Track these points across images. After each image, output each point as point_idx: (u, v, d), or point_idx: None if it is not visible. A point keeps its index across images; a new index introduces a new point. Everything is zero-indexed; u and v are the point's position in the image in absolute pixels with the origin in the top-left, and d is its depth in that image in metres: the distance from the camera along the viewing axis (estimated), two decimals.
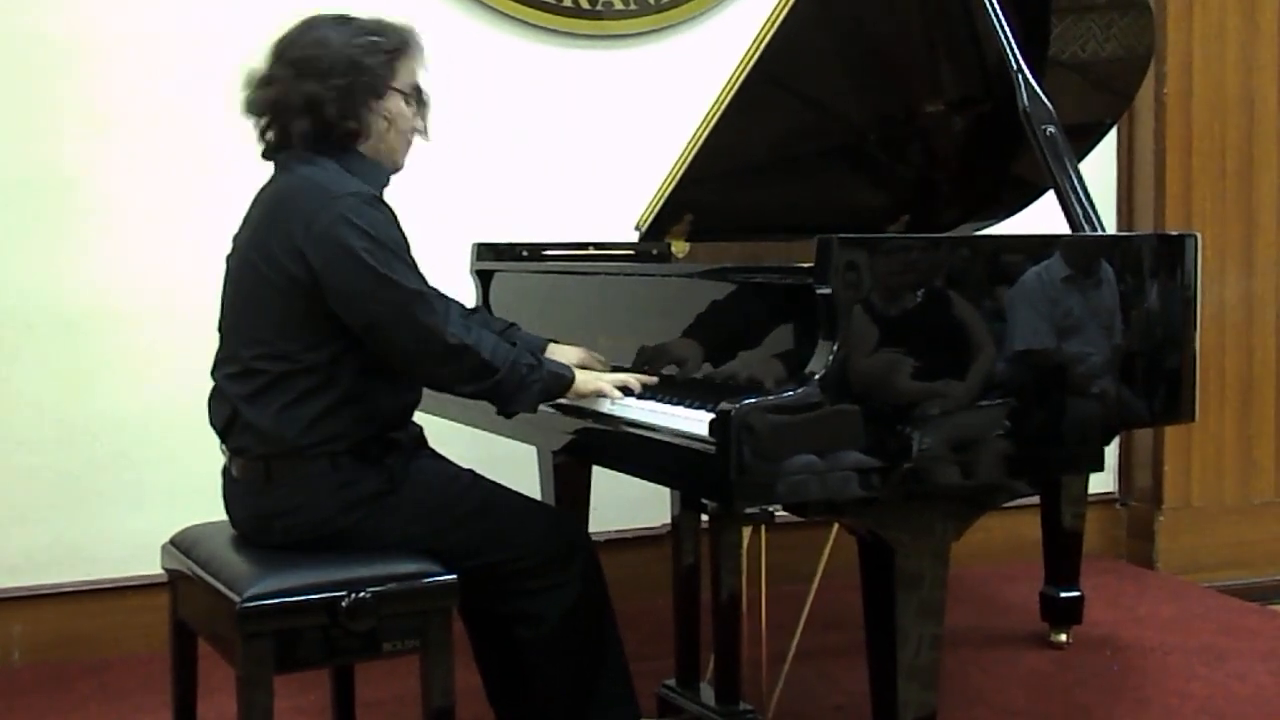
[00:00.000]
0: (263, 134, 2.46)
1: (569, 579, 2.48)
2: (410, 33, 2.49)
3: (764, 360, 2.34)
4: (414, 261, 2.36)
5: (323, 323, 2.32)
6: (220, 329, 2.48)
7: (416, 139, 2.54)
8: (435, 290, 2.39)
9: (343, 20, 2.45)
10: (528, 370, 2.39)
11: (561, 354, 2.71)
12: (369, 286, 2.28)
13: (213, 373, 2.47)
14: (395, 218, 2.37)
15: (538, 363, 2.43)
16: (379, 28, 2.45)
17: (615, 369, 2.67)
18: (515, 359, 2.38)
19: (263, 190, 2.47)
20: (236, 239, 2.48)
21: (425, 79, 2.53)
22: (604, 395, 2.47)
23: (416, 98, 2.50)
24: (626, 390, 2.47)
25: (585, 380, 2.48)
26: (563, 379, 2.46)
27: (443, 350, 2.31)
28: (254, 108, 2.45)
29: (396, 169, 2.53)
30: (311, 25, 2.44)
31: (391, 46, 2.44)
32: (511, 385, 2.38)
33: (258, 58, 2.48)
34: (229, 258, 2.49)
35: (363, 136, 2.43)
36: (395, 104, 2.45)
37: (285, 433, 2.33)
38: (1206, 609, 3.96)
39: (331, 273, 2.28)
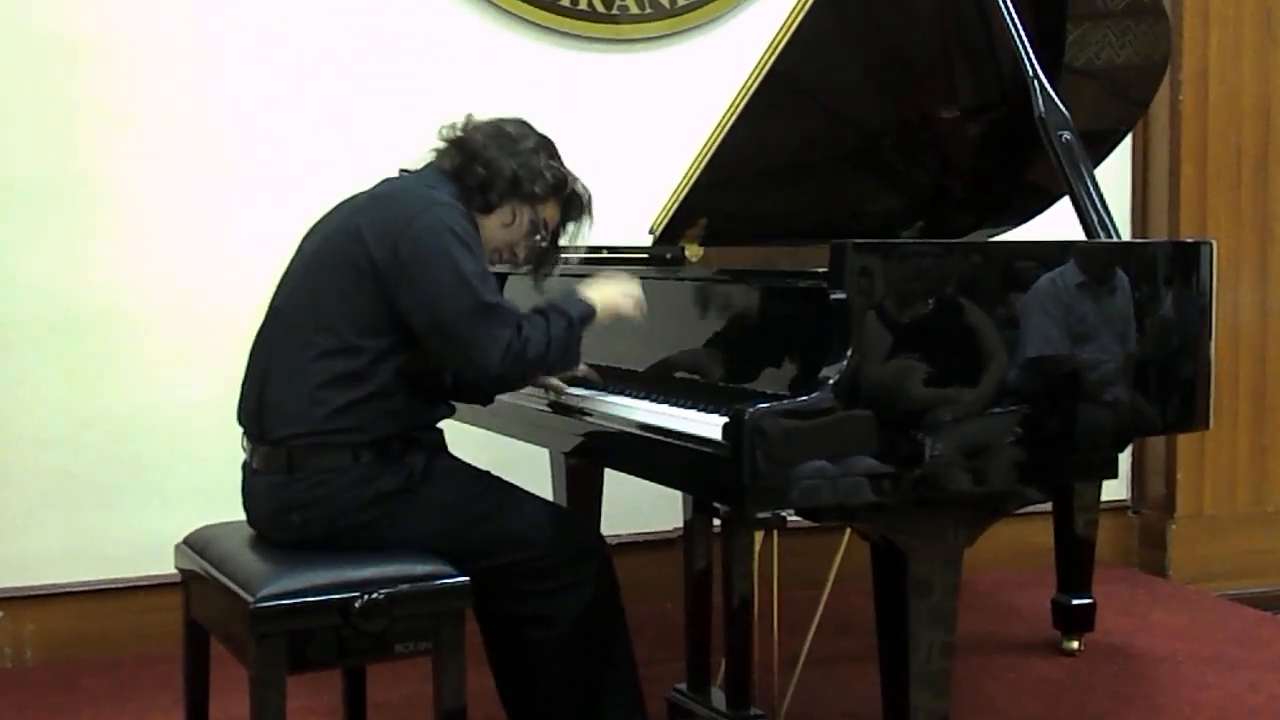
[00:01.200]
0: (435, 159, 2.60)
1: (581, 581, 2.49)
2: (584, 193, 2.67)
3: (777, 365, 2.34)
4: (492, 278, 2.45)
5: (383, 316, 2.38)
6: (274, 303, 2.51)
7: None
8: (505, 304, 2.44)
9: (548, 140, 2.65)
10: (565, 333, 2.46)
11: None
12: (453, 288, 2.35)
13: (253, 351, 2.51)
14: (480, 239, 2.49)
15: (568, 323, 2.48)
16: (564, 167, 2.64)
17: (627, 372, 2.68)
18: (551, 334, 2.44)
19: (364, 191, 2.57)
20: (322, 223, 2.55)
21: (569, 238, 2.71)
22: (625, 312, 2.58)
23: (540, 233, 2.63)
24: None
25: (607, 300, 2.57)
26: (586, 317, 2.53)
27: (496, 367, 2.37)
28: (448, 139, 2.59)
29: None
30: (524, 124, 2.65)
31: (561, 187, 2.62)
32: (556, 360, 2.47)
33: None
34: (305, 238, 2.55)
35: (488, 213, 2.56)
36: (524, 218, 2.60)
37: (312, 412, 2.36)
38: (1218, 618, 3.96)
39: (421, 267, 2.35)
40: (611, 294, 2.59)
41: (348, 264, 2.40)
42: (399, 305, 2.37)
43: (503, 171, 2.53)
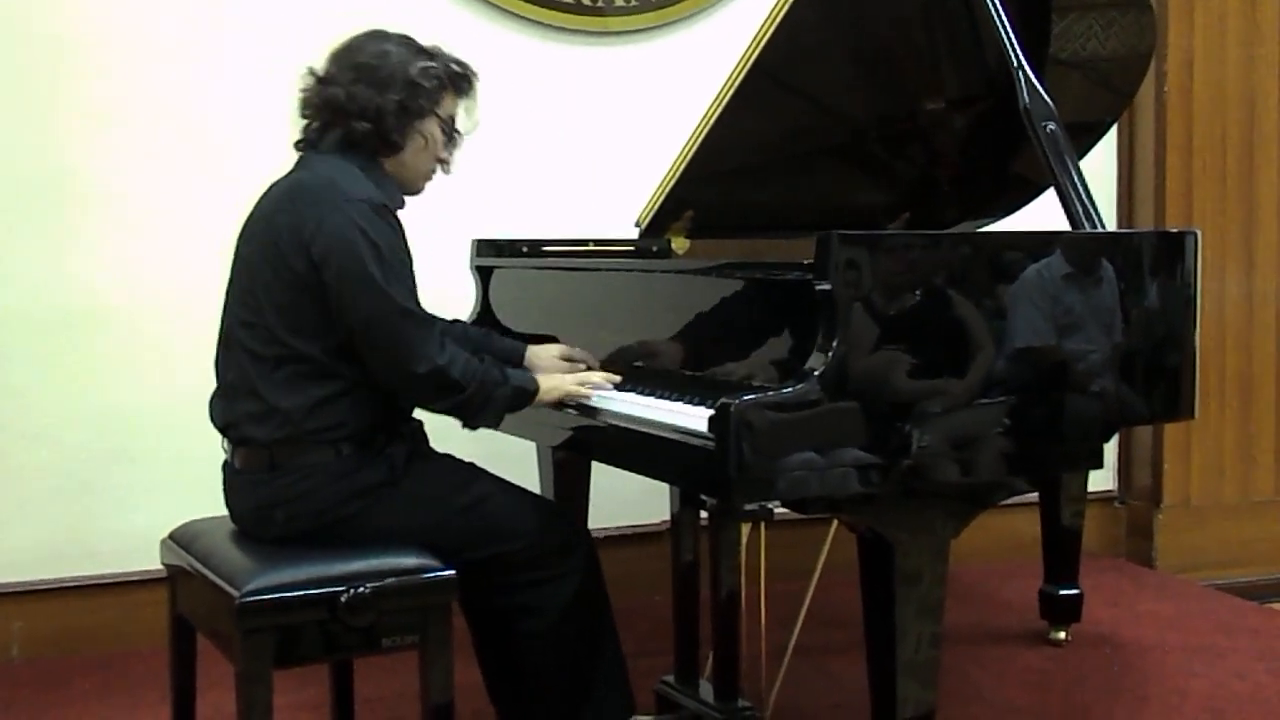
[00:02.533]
0: (305, 129, 2.53)
1: (567, 572, 2.49)
2: (467, 70, 2.59)
3: (763, 357, 2.34)
4: (412, 279, 2.42)
5: (324, 318, 2.36)
6: (225, 318, 2.49)
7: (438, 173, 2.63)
8: (423, 311, 2.42)
9: (406, 40, 2.54)
10: (493, 387, 2.44)
11: (540, 354, 2.77)
12: (364, 294, 2.32)
13: (216, 363, 2.50)
14: (402, 232, 2.43)
15: (504, 379, 2.46)
16: (438, 54, 2.54)
17: (607, 365, 2.68)
18: (483, 377, 2.42)
19: (279, 182, 2.51)
20: (248, 226, 2.51)
21: (465, 117, 2.61)
22: (572, 396, 2.53)
23: (451, 130, 2.58)
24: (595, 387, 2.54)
25: (549, 389, 2.53)
26: (525, 392, 2.50)
27: (417, 371, 2.36)
28: (309, 104, 2.51)
29: (414, 192, 2.60)
30: (376, 37, 2.54)
31: (446, 75, 2.53)
32: (477, 403, 2.43)
33: (314, 57, 2.54)
34: (239, 244, 2.52)
35: (399, 151, 2.50)
36: (433, 129, 2.54)
37: (289, 416, 2.35)
38: (1205, 607, 3.97)
39: (333, 272, 2.32)
40: (558, 382, 2.55)
41: (275, 275, 2.37)
42: (330, 307, 2.35)
43: (386, 109, 2.44)
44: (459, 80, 2.57)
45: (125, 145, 3.61)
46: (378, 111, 2.44)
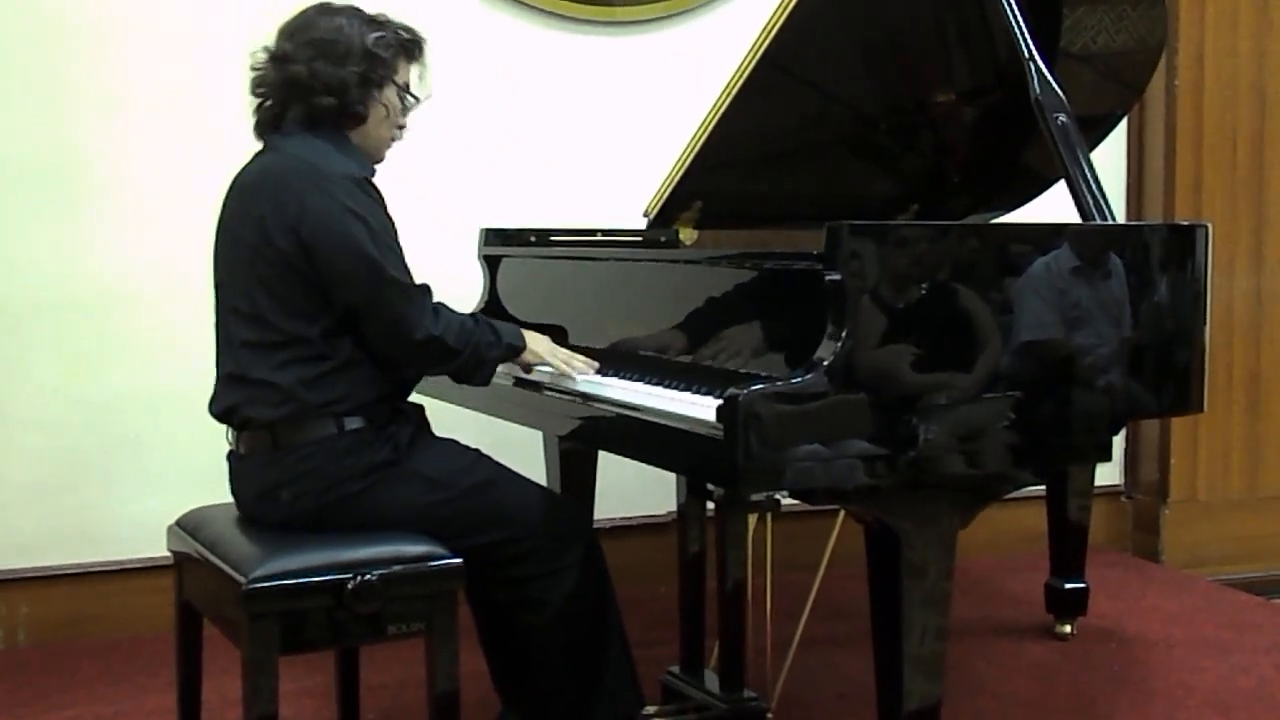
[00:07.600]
0: (260, 109, 2.54)
1: (570, 564, 2.49)
2: (416, 34, 2.60)
3: (771, 347, 2.34)
4: (400, 249, 2.43)
5: (315, 300, 2.37)
6: (218, 308, 2.51)
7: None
8: (414, 281, 2.43)
9: (355, 10, 2.55)
10: (487, 348, 2.49)
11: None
12: (357, 269, 2.35)
13: (216, 353, 2.51)
14: (384, 201, 2.44)
15: (496, 338, 2.52)
16: (387, 22, 2.56)
17: (622, 355, 2.67)
18: (477, 339, 2.47)
19: (247, 168, 2.53)
20: (223, 221, 2.53)
21: (418, 82, 2.62)
22: (547, 365, 2.59)
23: (407, 96, 2.59)
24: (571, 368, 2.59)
25: (533, 349, 2.59)
26: (515, 349, 2.57)
27: (415, 338, 2.40)
28: (265, 83, 2.51)
29: (378, 161, 2.60)
30: (326, 11, 2.53)
31: (399, 42, 2.55)
32: (472, 364, 2.48)
33: (266, 39, 2.55)
34: (217, 240, 2.53)
35: (363, 123, 2.51)
36: (392, 97, 2.55)
37: (289, 394, 2.36)
38: (1211, 602, 3.96)
39: (324, 252, 2.34)
40: (543, 342, 2.61)
41: (262, 260, 2.37)
42: (321, 286, 2.37)
43: (348, 82, 2.45)
44: (410, 47, 2.59)
45: (134, 132, 3.61)
46: (341, 85, 2.45)
